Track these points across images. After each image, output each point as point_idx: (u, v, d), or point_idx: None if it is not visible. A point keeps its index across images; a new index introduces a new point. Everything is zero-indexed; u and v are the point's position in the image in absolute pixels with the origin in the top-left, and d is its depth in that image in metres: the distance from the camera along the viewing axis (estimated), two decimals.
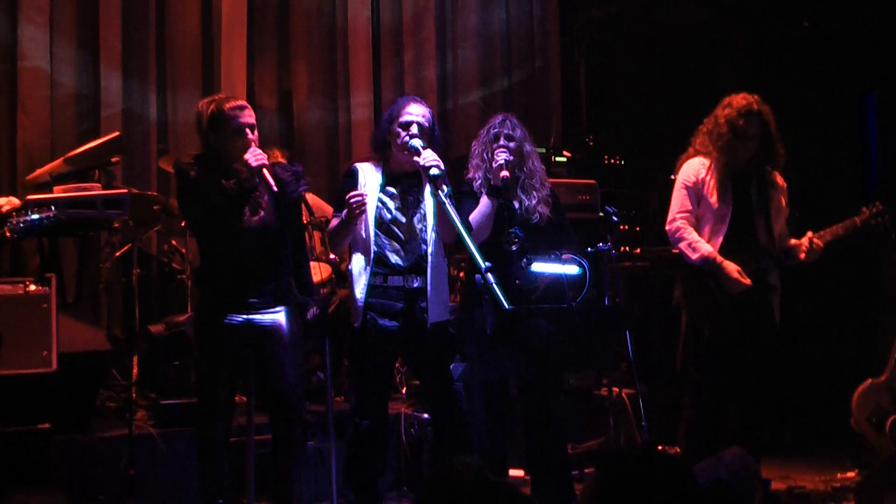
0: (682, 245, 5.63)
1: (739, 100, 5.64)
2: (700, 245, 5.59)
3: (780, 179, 5.76)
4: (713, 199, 5.63)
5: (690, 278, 5.68)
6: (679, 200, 5.71)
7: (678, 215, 5.68)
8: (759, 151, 5.65)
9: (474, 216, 5.29)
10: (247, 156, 4.77)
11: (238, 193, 4.79)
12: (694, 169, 5.70)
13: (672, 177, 5.88)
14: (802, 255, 5.63)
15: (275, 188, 4.74)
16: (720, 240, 5.62)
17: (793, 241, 5.69)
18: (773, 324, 5.68)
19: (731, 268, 5.54)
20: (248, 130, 4.85)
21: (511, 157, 5.33)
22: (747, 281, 5.53)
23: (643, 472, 2.37)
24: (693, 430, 5.64)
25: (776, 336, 5.70)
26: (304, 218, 5.49)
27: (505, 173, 5.25)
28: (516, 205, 5.41)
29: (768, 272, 5.63)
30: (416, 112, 5.13)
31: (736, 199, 5.64)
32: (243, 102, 4.98)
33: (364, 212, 4.95)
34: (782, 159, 5.70)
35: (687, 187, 5.69)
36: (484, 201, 5.30)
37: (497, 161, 5.29)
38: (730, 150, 5.61)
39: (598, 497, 2.39)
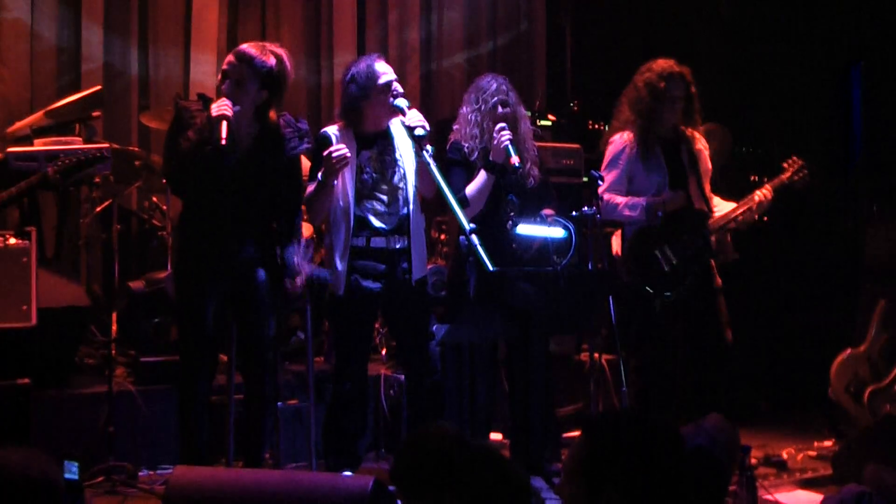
0: (620, 208, 5.47)
1: (659, 63, 5.54)
2: (635, 200, 5.47)
3: (701, 139, 5.70)
4: (647, 172, 5.53)
5: (638, 245, 5.52)
6: (615, 175, 5.53)
7: (609, 190, 5.49)
8: (682, 113, 5.56)
9: (471, 190, 5.20)
10: (211, 105, 4.65)
11: (196, 144, 4.63)
12: (623, 142, 5.56)
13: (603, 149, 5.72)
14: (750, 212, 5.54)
15: (223, 141, 4.51)
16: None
17: (716, 199, 5.65)
18: (716, 289, 5.59)
19: (668, 195, 5.47)
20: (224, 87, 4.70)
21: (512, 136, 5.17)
22: (684, 195, 5.50)
23: (633, 437, 2.35)
24: (640, 397, 5.51)
25: (720, 300, 5.61)
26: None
27: (516, 160, 5.06)
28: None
29: (708, 240, 5.54)
30: (388, 70, 5.06)
31: (669, 166, 5.57)
32: (233, 60, 4.73)
33: (346, 165, 4.86)
34: (700, 117, 5.63)
35: (619, 163, 5.55)
36: (482, 176, 5.22)
37: (502, 142, 5.10)
38: (654, 116, 5.51)
39: (586, 460, 2.37)
